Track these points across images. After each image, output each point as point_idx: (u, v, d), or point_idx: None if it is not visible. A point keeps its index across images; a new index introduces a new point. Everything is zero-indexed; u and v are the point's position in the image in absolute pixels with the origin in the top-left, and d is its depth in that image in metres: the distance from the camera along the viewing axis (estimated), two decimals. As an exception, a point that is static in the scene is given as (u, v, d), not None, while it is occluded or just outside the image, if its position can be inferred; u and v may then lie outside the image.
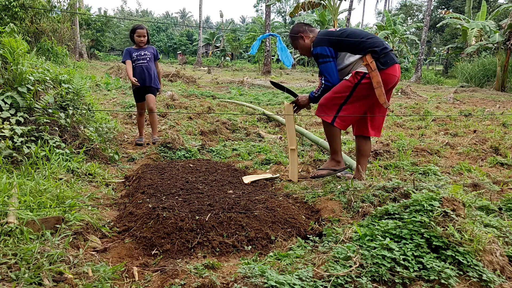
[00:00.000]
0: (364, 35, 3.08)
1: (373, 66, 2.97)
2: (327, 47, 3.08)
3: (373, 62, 2.97)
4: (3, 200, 2.30)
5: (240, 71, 26.36)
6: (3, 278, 1.65)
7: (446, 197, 2.18)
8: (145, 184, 3.08)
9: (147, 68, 4.82)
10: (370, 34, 3.12)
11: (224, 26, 57.26)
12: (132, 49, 4.89)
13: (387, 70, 3.00)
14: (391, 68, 3.02)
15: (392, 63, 3.02)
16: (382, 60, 2.99)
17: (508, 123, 6.53)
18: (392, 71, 3.03)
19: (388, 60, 3.00)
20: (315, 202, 2.88)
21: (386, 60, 3.00)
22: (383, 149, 4.38)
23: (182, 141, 4.58)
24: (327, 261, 1.85)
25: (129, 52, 4.87)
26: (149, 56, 4.87)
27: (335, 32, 3.13)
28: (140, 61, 4.82)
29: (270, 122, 6.70)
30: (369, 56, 2.99)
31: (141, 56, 4.83)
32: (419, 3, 47.48)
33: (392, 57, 3.04)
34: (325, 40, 3.11)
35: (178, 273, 1.88)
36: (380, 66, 2.98)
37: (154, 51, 4.96)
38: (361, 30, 3.18)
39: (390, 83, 3.08)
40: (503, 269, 1.87)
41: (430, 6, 21.24)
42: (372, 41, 3.04)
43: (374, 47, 2.99)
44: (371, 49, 2.99)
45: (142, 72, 4.80)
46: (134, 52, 4.85)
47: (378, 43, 3.02)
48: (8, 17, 12.04)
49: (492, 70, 17.13)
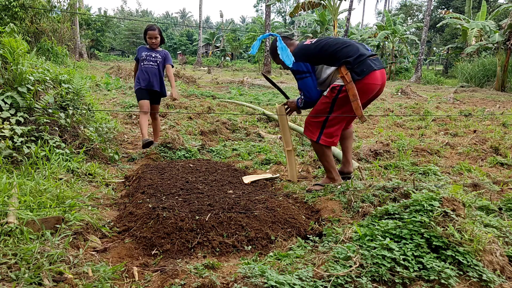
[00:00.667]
0: (339, 45, 2.92)
1: (348, 78, 2.83)
2: (302, 63, 2.97)
3: (348, 74, 2.84)
4: (3, 200, 2.30)
5: (240, 71, 26.37)
6: (3, 278, 1.65)
7: (446, 197, 2.18)
8: (145, 184, 3.08)
9: (155, 71, 4.52)
10: (347, 42, 2.96)
11: (224, 26, 57.27)
12: (145, 48, 4.63)
13: (364, 80, 2.85)
14: (369, 77, 2.85)
15: (369, 71, 2.84)
16: (358, 70, 2.83)
17: (508, 123, 6.53)
18: (370, 79, 2.86)
19: (365, 68, 2.84)
20: (315, 202, 2.88)
21: (362, 69, 2.83)
22: (383, 149, 4.38)
23: (182, 141, 4.58)
24: (327, 261, 1.85)
25: (138, 51, 4.65)
26: (159, 59, 4.56)
27: (310, 46, 3.00)
28: (150, 63, 4.52)
29: (270, 122, 6.70)
30: (344, 68, 2.85)
31: (152, 57, 4.54)
32: (419, 3, 47.53)
33: (370, 64, 2.86)
34: (300, 55, 2.99)
35: (178, 273, 1.88)
36: (355, 77, 2.83)
37: (165, 55, 4.64)
38: (338, 39, 3.02)
39: (370, 92, 2.94)
40: (503, 269, 1.87)
41: (430, 6, 21.24)
42: (347, 50, 2.88)
43: (348, 56, 2.84)
44: (344, 60, 2.84)
45: (149, 74, 4.49)
46: (145, 51, 4.58)
47: (353, 52, 2.86)
48: (8, 17, 12.04)
49: (492, 70, 17.13)
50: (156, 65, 4.53)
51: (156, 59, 4.54)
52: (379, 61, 2.99)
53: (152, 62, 4.52)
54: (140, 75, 4.52)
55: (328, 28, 27.28)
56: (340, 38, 3.04)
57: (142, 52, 4.56)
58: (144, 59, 4.52)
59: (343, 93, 2.89)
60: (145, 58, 4.52)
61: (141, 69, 4.53)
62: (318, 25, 28.22)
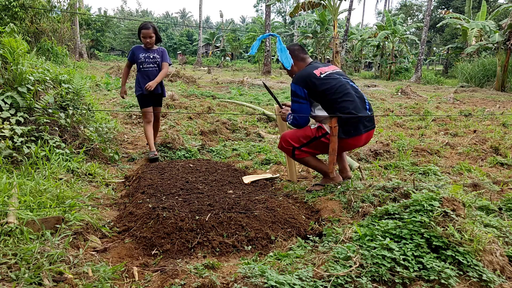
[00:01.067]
0: (341, 95, 2.87)
1: (335, 132, 2.87)
2: (302, 88, 2.93)
3: (336, 128, 2.86)
4: (3, 200, 2.30)
5: (240, 71, 26.37)
6: (3, 278, 1.65)
7: (446, 197, 2.18)
8: (145, 184, 3.08)
9: (156, 73, 4.24)
10: (350, 95, 2.89)
11: (224, 26, 57.27)
12: (140, 49, 4.27)
13: (348, 140, 2.91)
14: (353, 139, 2.91)
15: (355, 134, 2.89)
16: (346, 129, 2.87)
17: (508, 123, 6.53)
18: (353, 141, 2.93)
19: (353, 130, 2.88)
20: (315, 202, 2.88)
21: (350, 130, 2.87)
22: (383, 149, 4.38)
23: (182, 141, 4.58)
24: (327, 261, 1.85)
25: (134, 53, 4.26)
26: (158, 59, 4.26)
27: (317, 79, 2.92)
28: (149, 65, 4.23)
29: (270, 122, 6.70)
30: (335, 121, 2.87)
31: (150, 59, 4.23)
32: (419, 3, 47.52)
33: (359, 128, 2.89)
34: (302, 80, 2.94)
35: (178, 273, 1.88)
36: (341, 135, 2.88)
37: (162, 53, 4.33)
38: (343, 86, 2.92)
39: (349, 149, 3.06)
40: (503, 269, 1.87)
41: (430, 6, 21.25)
42: (345, 104, 2.85)
43: (344, 112, 2.84)
44: (339, 114, 2.85)
45: (150, 77, 4.21)
46: (141, 53, 4.23)
47: (350, 109, 2.85)
48: (8, 17, 12.04)
49: (492, 70, 17.13)
50: (156, 66, 4.26)
51: (155, 59, 4.26)
52: (372, 122, 3.03)
53: (152, 64, 4.25)
54: (141, 79, 4.24)
55: (328, 28, 27.27)
56: (345, 86, 2.94)
57: (140, 54, 4.22)
58: (143, 62, 4.22)
59: (326, 139, 2.95)
60: (143, 60, 4.21)
61: (141, 72, 4.25)
62: (318, 25, 28.20)
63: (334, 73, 3.01)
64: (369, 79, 23.34)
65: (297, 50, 3.15)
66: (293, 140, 3.08)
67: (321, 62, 3.18)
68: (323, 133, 2.95)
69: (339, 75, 3.02)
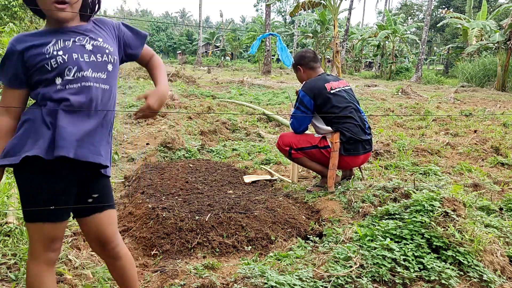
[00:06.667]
0: (346, 116, 2.91)
1: (336, 147, 2.91)
2: (310, 98, 2.94)
3: (337, 144, 2.90)
4: (2, 200, 2.29)
5: (240, 71, 26.35)
6: (3, 278, 1.65)
7: (446, 197, 2.18)
8: (145, 184, 3.08)
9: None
10: (353, 119, 2.93)
11: (224, 25, 57.26)
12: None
13: (346, 158, 2.95)
14: (352, 157, 2.96)
15: (354, 154, 2.94)
16: (346, 146, 2.92)
17: (508, 123, 6.52)
18: (351, 160, 2.98)
19: (352, 149, 2.92)
20: (315, 202, 2.88)
21: (350, 149, 2.92)
22: (383, 149, 4.37)
23: (182, 141, 4.57)
24: (327, 262, 1.85)
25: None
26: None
27: (326, 94, 2.94)
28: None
29: (270, 122, 6.70)
30: (337, 136, 2.91)
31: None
32: (420, 2, 47.49)
33: (359, 148, 2.93)
34: (312, 90, 2.96)
35: (178, 274, 1.87)
36: (341, 152, 2.92)
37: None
38: (349, 106, 2.96)
39: (346, 167, 3.10)
40: (504, 270, 1.86)
41: (430, 5, 21.24)
42: (348, 125, 2.90)
43: (345, 130, 2.90)
44: (341, 132, 2.90)
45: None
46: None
47: (351, 131, 2.90)
48: (8, 17, 12.03)
49: (492, 70, 17.11)
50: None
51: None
52: (370, 144, 3.07)
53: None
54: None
55: (328, 28, 27.23)
56: (351, 106, 2.98)
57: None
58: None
59: (326, 152, 2.98)
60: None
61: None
62: (318, 25, 28.17)
63: (343, 90, 3.04)
64: (369, 79, 23.32)
65: (308, 58, 3.15)
66: (293, 141, 3.08)
67: (331, 75, 3.21)
68: (325, 145, 2.98)
69: (348, 94, 3.05)
